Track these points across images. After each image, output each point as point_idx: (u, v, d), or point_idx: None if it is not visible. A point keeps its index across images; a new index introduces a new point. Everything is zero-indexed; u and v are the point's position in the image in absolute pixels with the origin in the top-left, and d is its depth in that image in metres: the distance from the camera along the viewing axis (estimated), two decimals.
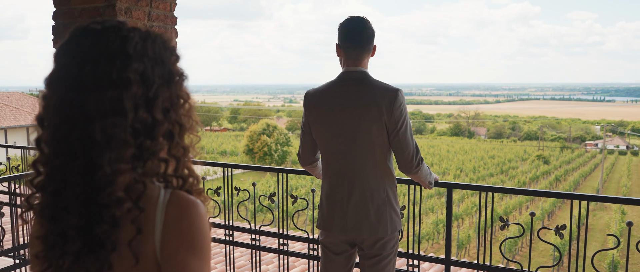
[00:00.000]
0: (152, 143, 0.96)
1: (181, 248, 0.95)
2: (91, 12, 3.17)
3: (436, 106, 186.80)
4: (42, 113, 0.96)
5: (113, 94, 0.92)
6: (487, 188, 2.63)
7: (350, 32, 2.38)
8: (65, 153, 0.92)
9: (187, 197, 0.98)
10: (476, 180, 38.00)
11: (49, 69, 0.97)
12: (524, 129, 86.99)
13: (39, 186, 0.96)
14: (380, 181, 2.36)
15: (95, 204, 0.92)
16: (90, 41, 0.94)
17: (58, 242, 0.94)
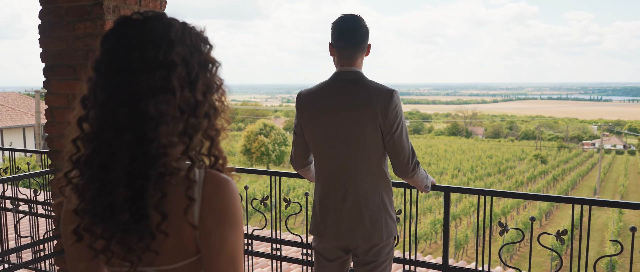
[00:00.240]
0: (196, 121, 1.04)
1: (219, 223, 1.03)
2: (78, 10, 3.08)
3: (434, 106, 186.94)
4: (86, 94, 1.04)
5: (162, 74, 0.99)
6: (485, 192, 2.54)
7: (343, 31, 2.30)
8: (113, 128, 0.98)
9: (221, 176, 1.06)
10: (474, 179, 37.96)
11: (95, 56, 1.04)
12: (521, 129, 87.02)
13: (82, 161, 1.02)
14: (375, 185, 2.28)
15: (144, 175, 0.98)
16: (136, 29, 1.02)
17: (106, 213, 0.99)
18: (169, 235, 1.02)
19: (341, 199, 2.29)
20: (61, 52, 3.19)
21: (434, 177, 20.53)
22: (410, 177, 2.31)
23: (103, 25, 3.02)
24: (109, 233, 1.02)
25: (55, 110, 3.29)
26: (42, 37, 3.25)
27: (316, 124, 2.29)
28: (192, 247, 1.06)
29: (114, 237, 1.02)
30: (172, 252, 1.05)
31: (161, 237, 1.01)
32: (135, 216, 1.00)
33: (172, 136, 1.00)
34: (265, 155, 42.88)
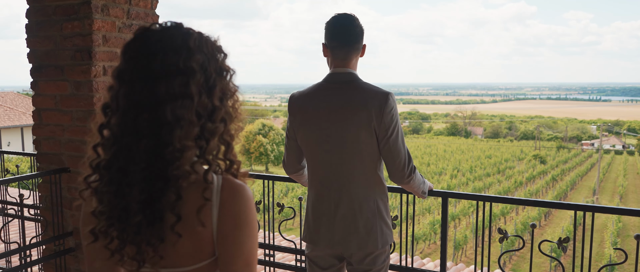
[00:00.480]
0: (213, 125, 1.07)
1: (235, 228, 1.07)
2: (66, 9, 2.99)
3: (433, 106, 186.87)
4: (108, 102, 1.06)
5: (181, 80, 1.03)
6: (484, 198, 2.45)
7: (337, 30, 2.21)
8: (132, 133, 1.02)
9: (237, 182, 1.10)
10: (473, 180, 37.87)
11: (117, 65, 1.07)
12: (520, 129, 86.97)
13: (102, 166, 1.05)
14: (370, 191, 2.19)
15: (160, 178, 1.01)
16: (156, 38, 1.05)
17: (122, 216, 1.03)
18: (183, 237, 1.05)
19: (335, 206, 2.20)
20: (48, 52, 3.10)
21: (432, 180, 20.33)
22: (406, 182, 2.22)
23: (91, 25, 2.93)
24: (123, 235, 1.05)
25: (43, 112, 3.20)
26: (29, 37, 3.16)
27: (309, 127, 2.20)
28: (208, 249, 1.09)
29: (127, 238, 1.05)
30: (189, 254, 1.08)
31: (174, 239, 1.04)
32: (148, 219, 1.03)
33: (187, 140, 1.03)
34: (264, 155, 42.76)
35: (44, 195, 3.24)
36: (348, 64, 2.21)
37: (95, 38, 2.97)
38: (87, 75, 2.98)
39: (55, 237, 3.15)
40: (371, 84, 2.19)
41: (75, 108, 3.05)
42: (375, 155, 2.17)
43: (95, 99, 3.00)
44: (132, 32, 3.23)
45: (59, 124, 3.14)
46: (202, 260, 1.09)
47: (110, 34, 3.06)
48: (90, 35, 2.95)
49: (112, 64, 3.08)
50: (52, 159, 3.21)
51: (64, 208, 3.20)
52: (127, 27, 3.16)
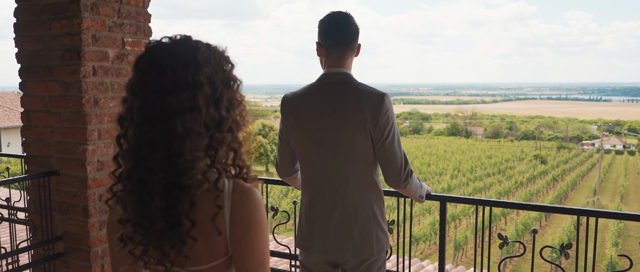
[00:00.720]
0: (220, 135, 1.12)
1: (247, 230, 1.13)
2: (54, 8, 2.91)
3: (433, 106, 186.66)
4: (123, 114, 1.13)
5: (189, 94, 1.08)
6: (484, 202, 2.37)
7: (332, 29, 2.13)
8: (148, 145, 1.07)
9: (247, 186, 1.15)
10: (473, 180, 37.77)
11: (130, 77, 1.13)
12: (521, 129, 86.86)
13: (124, 176, 1.12)
14: (365, 195, 2.11)
15: (176, 187, 1.08)
16: (167, 52, 1.11)
17: (145, 222, 1.10)
18: (198, 240, 1.11)
19: (329, 211, 2.12)
20: (37, 52, 3.02)
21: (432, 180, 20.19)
22: (402, 187, 2.14)
23: (80, 24, 2.86)
24: (147, 240, 1.12)
25: (32, 113, 3.12)
26: (18, 36, 3.08)
27: (302, 129, 2.12)
28: (221, 249, 1.15)
29: (151, 243, 1.12)
30: (203, 255, 1.14)
31: (191, 243, 1.11)
32: (169, 224, 1.10)
33: (197, 151, 1.09)
34: (264, 156, 42.71)
35: (33, 198, 3.16)
36: (343, 64, 2.13)
37: (85, 37, 2.89)
38: (76, 75, 2.90)
39: (44, 241, 3.08)
40: (367, 84, 2.11)
41: (64, 109, 2.98)
42: (371, 158, 2.09)
43: (85, 101, 2.92)
44: (122, 31, 3.16)
45: (48, 126, 3.06)
46: (216, 259, 1.15)
47: (100, 34, 2.98)
48: (79, 34, 2.87)
49: (102, 64, 3.00)
50: (41, 161, 3.13)
51: (53, 212, 3.12)
52: (117, 26, 3.08)
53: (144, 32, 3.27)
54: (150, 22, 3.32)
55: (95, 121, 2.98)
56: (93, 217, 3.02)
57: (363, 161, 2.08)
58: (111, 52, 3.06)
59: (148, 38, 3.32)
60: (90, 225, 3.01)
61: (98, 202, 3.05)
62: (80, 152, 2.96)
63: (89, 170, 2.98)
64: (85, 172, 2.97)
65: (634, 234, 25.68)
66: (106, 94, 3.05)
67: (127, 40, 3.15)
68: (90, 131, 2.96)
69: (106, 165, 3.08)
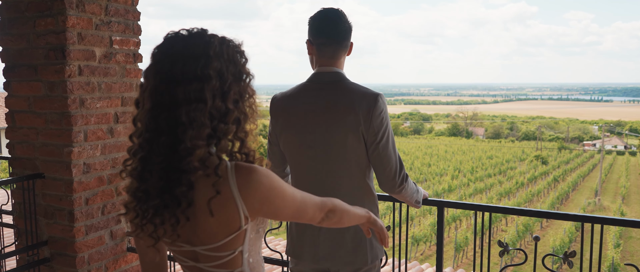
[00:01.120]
0: (225, 126, 1.18)
1: (264, 202, 1.21)
2: (39, 5, 2.81)
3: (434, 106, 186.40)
4: (139, 97, 1.21)
5: (197, 86, 1.14)
6: (482, 207, 2.26)
7: (323, 26, 2.02)
8: (154, 130, 1.16)
9: (245, 165, 1.20)
10: (474, 180, 37.65)
11: (148, 65, 1.20)
12: (522, 129, 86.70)
13: (133, 152, 1.21)
14: (358, 201, 2.00)
15: (176, 170, 1.15)
16: (181, 44, 1.17)
17: (142, 197, 1.18)
18: (202, 219, 1.18)
19: None
20: (21, 51, 2.92)
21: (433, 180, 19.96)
22: (397, 192, 2.04)
23: (65, 21, 2.76)
24: (143, 213, 1.19)
25: (16, 114, 3.02)
26: (2, 35, 2.98)
27: (292, 131, 2.02)
28: (235, 225, 1.20)
29: (146, 217, 1.19)
30: (215, 232, 1.19)
31: (183, 221, 1.17)
32: (164, 203, 1.16)
33: (198, 140, 1.14)
34: (264, 156, 42.50)
35: (18, 202, 3.06)
36: (335, 63, 2.03)
37: (70, 36, 2.79)
38: (60, 75, 2.80)
39: (28, 246, 2.98)
40: (360, 84, 2.01)
41: (49, 110, 2.88)
42: (364, 162, 1.99)
43: (70, 101, 2.82)
44: (110, 29, 3.06)
45: (33, 127, 2.96)
46: (228, 235, 1.20)
47: (87, 32, 2.88)
48: (64, 32, 2.77)
49: (88, 63, 2.90)
50: (26, 164, 3.03)
51: (39, 216, 3.02)
52: (105, 24, 2.98)
53: (133, 30, 3.17)
54: (140, 20, 3.22)
55: (81, 122, 2.88)
56: (79, 221, 2.92)
57: (356, 165, 1.98)
58: (98, 51, 2.96)
59: (137, 36, 3.22)
60: (76, 230, 2.91)
61: (84, 206, 2.95)
62: (66, 154, 2.86)
63: (75, 173, 2.88)
64: (71, 175, 2.86)
65: (636, 235, 25.54)
66: (93, 95, 2.94)
67: (115, 38, 3.05)
68: (76, 133, 2.86)
69: (93, 168, 2.98)
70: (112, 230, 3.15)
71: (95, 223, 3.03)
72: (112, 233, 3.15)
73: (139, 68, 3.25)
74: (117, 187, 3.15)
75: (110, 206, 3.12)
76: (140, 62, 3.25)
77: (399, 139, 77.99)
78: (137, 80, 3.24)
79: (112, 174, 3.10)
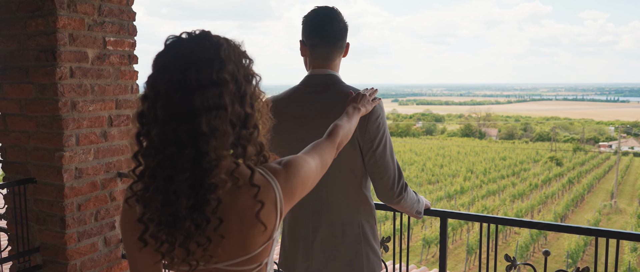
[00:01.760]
0: (247, 132, 1.12)
1: (302, 189, 1.23)
2: (29, 5, 2.73)
3: (447, 106, 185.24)
4: (144, 111, 1.09)
5: (214, 92, 1.06)
6: (488, 219, 2.12)
7: (317, 26, 1.90)
8: (174, 144, 1.05)
9: (278, 167, 1.19)
10: (487, 182, 37.23)
11: (149, 73, 1.10)
12: (536, 130, 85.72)
13: (147, 175, 1.08)
14: (354, 212, 1.88)
15: (202, 186, 1.05)
16: (189, 50, 1.07)
17: (170, 221, 1.07)
18: (229, 237, 1.11)
19: (312, 230, 1.90)
20: (13, 52, 2.85)
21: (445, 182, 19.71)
22: (396, 202, 1.91)
23: (55, 22, 2.67)
24: (173, 239, 1.09)
25: (8, 117, 2.94)
26: None
27: (282, 137, 1.90)
28: (262, 238, 1.15)
29: (176, 242, 1.09)
30: (245, 246, 1.13)
31: (219, 240, 1.09)
32: (195, 223, 1.07)
33: (222, 150, 1.07)
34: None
35: (9, 207, 2.98)
36: (329, 65, 1.91)
37: (60, 37, 2.70)
38: (51, 77, 2.72)
39: (20, 253, 2.90)
40: (356, 87, 1.88)
41: (40, 113, 2.79)
42: (360, 170, 1.86)
43: (61, 104, 2.73)
44: (103, 30, 2.97)
45: (24, 131, 2.88)
46: (263, 244, 1.15)
47: (78, 33, 2.79)
48: (55, 33, 2.68)
49: (80, 65, 2.81)
50: (17, 168, 2.95)
51: (30, 222, 2.94)
52: (98, 25, 2.89)
53: (128, 31, 3.08)
54: (135, 20, 3.13)
55: (72, 126, 2.79)
56: (70, 228, 2.83)
57: (351, 174, 1.85)
58: (91, 53, 2.87)
59: (132, 37, 3.13)
60: (68, 237, 2.83)
61: (76, 212, 2.86)
62: (57, 159, 2.77)
63: (66, 178, 2.79)
64: (62, 181, 2.78)
65: None
66: (85, 97, 2.86)
67: (109, 39, 2.96)
68: (67, 137, 2.77)
69: (85, 172, 2.89)
70: (106, 236, 3.05)
71: (88, 230, 2.94)
72: (106, 240, 3.06)
73: (135, 70, 3.16)
74: (111, 193, 3.06)
75: (104, 211, 3.03)
76: (135, 63, 3.15)
77: (411, 140, 77.62)
78: (133, 82, 3.15)
79: (106, 179, 3.01)
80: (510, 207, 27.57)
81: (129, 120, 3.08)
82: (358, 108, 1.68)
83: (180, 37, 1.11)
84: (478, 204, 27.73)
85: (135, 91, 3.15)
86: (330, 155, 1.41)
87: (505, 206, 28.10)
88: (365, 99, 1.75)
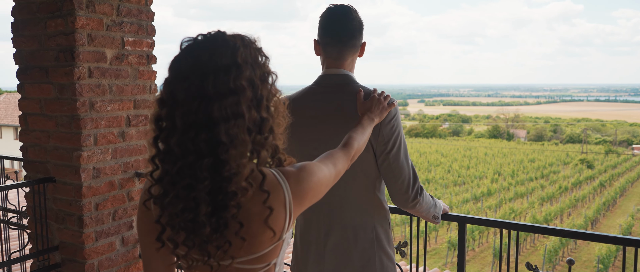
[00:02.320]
0: (262, 137, 1.10)
1: (313, 195, 1.22)
2: (49, 5, 2.76)
3: (474, 107, 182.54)
4: (162, 115, 1.08)
5: (232, 100, 1.04)
6: (508, 225, 2.03)
7: (330, 24, 1.85)
8: (194, 152, 1.04)
9: (293, 170, 1.18)
10: (514, 184, 36.49)
11: (166, 77, 1.08)
12: (566, 132, 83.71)
13: (166, 181, 1.08)
14: (367, 216, 1.82)
15: (221, 193, 1.05)
16: (206, 55, 1.05)
17: (188, 227, 1.07)
18: (247, 240, 1.10)
19: (324, 233, 1.85)
20: (33, 52, 2.88)
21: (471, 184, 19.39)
22: (411, 206, 1.84)
23: (74, 22, 2.69)
24: (191, 242, 1.09)
25: (29, 116, 2.98)
26: (15, 36, 2.95)
27: (295, 138, 1.85)
28: (278, 235, 1.15)
29: (195, 245, 1.09)
30: (256, 244, 1.13)
31: (240, 243, 1.09)
32: (215, 229, 1.07)
33: (242, 158, 1.06)
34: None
35: (30, 205, 3.02)
36: (343, 64, 1.86)
37: (79, 37, 2.72)
38: (70, 77, 2.74)
39: (39, 251, 2.93)
40: (369, 88, 1.83)
41: (60, 113, 2.82)
42: (373, 173, 1.80)
43: (79, 104, 2.75)
44: (122, 30, 2.98)
45: (44, 130, 2.91)
46: (269, 245, 1.15)
47: (97, 33, 2.80)
48: (74, 34, 2.70)
49: (98, 65, 2.83)
50: (38, 167, 2.99)
51: (50, 220, 2.97)
52: (116, 25, 2.90)
53: (147, 31, 3.08)
54: (154, 20, 3.14)
55: (90, 126, 2.81)
56: (88, 227, 2.85)
57: (363, 177, 1.80)
58: (109, 53, 2.88)
59: (151, 37, 3.13)
60: (86, 236, 2.84)
61: (94, 211, 2.88)
62: (75, 158, 2.79)
63: (84, 178, 2.80)
64: (80, 180, 2.79)
65: None
66: (103, 97, 2.87)
67: (128, 39, 2.97)
68: (85, 136, 2.79)
69: (103, 172, 2.90)
70: (124, 236, 3.06)
71: (106, 229, 2.95)
72: (124, 239, 3.07)
73: (153, 70, 3.16)
74: (129, 192, 3.06)
75: (122, 211, 3.04)
76: (154, 63, 3.16)
77: (437, 141, 76.76)
78: (151, 82, 3.15)
79: (124, 179, 3.02)
80: (539, 211, 26.95)
81: (147, 121, 3.09)
82: (372, 118, 1.66)
83: (197, 40, 1.09)
84: (505, 206, 27.18)
85: (154, 91, 3.16)
86: (344, 166, 1.40)
87: (533, 209, 27.49)
88: (379, 106, 1.71)
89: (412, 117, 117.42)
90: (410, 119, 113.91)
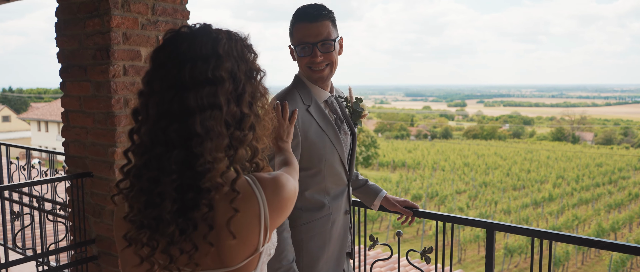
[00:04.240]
0: (241, 134, 1.06)
1: (289, 208, 1.14)
2: (88, 6, 2.84)
3: (536, 108, 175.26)
4: (138, 107, 1.06)
5: (209, 90, 1.01)
6: (541, 234, 1.87)
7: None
8: (163, 143, 1.00)
9: (269, 177, 1.11)
10: (579, 190, 34.64)
11: (147, 69, 1.07)
12: (638, 135, 78.64)
13: (132, 173, 1.04)
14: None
15: (192, 190, 1.00)
16: (186, 45, 1.03)
17: (152, 224, 1.02)
18: (214, 246, 1.04)
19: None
20: (74, 51, 2.98)
21: (532, 188, 18.61)
22: None
23: (109, 22, 2.75)
24: (154, 243, 1.03)
25: (70, 113, 3.09)
26: (58, 36, 3.07)
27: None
28: (255, 246, 1.09)
29: (158, 246, 1.03)
30: (234, 255, 1.07)
31: (207, 248, 1.03)
32: (180, 228, 1.01)
33: (217, 152, 1.01)
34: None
35: (70, 199, 3.13)
36: None
37: (114, 36, 2.78)
38: (105, 75, 2.81)
39: (77, 243, 3.03)
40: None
41: (96, 110, 2.90)
42: None
43: (114, 101, 2.82)
44: (157, 29, 3.03)
45: (83, 127, 3.01)
46: (246, 258, 1.09)
47: (132, 32, 2.86)
48: (109, 33, 2.77)
49: (133, 63, 2.89)
50: (77, 162, 3.09)
51: (87, 214, 3.07)
52: (151, 24, 2.95)
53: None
54: (189, 19, 3.17)
55: (124, 123, 2.87)
56: None
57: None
58: (144, 51, 2.94)
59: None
60: None
61: None
62: (110, 154, 2.87)
63: (118, 173, 2.86)
64: (114, 175, 2.87)
65: None
66: None
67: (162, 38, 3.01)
68: (120, 133, 2.85)
69: None
70: None
71: None
72: None
73: None
74: None
75: None
76: None
77: (496, 143, 74.21)
78: None
79: None
80: (605, 218, 25.43)
81: None
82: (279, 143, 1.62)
83: (179, 32, 1.07)
84: (568, 213, 25.85)
85: None
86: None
87: (599, 217, 25.98)
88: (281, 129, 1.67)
89: (471, 118, 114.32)
90: (469, 120, 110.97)
